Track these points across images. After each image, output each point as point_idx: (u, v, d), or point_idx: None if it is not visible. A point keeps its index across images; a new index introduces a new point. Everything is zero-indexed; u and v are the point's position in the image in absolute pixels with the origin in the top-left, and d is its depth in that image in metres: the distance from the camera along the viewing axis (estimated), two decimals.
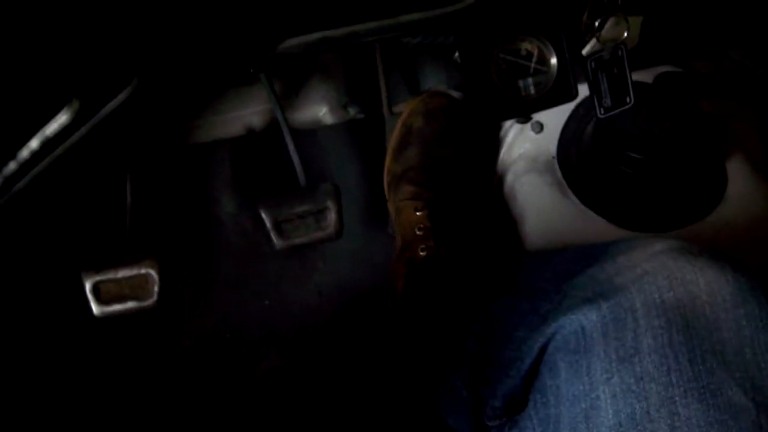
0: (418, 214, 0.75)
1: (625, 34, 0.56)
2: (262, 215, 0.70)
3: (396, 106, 0.89)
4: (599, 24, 0.55)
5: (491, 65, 0.56)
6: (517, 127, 0.80)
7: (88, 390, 0.85)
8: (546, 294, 0.54)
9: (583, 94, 0.61)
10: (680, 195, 0.73)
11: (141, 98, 0.53)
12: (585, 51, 0.57)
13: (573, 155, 0.76)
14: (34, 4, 0.43)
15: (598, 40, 0.56)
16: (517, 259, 0.70)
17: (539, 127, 0.78)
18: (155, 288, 0.68)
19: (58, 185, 0.81)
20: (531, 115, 0.76)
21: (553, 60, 0.58)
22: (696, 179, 0.73)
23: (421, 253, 0.74)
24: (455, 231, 0.74)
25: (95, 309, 0.66)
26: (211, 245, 0.91)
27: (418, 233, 0.74)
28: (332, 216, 0.70)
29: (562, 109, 0.73)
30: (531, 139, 0.79)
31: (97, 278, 0.66)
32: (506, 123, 0.82)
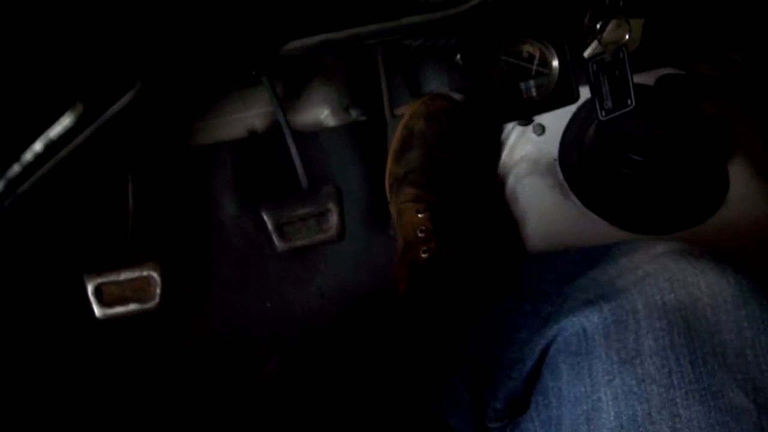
0: (419, 216, 0.75)
1: (627, 36, 0.56)
2: (264, 217, 0.70)
3: (397, 108, 0.89)
4: (601, 26, 0.55)
5: (493, 67, 0.56)
6: (518, 129, 0.80)
7: (90, 392, 0.85)
8: (547, 296, 0.54)
9: (584, 96, 0.61)
10: (682, 197, 0.73)
11: (144, 101, 0.53)
12: (586, 53, 0.57)
13: (574, 157, 0.76)
14: (37, 8, 0.43)
15: (600, 42, 0.56)
16: (519, 261, 0.70)
17: (541, 130, 0.78)
18: (157, 290, 0.68)
19: (61, 188, 0.81)
20: (532, 118, 0.77)
21: (555, 62, 0.58)
22: (698, 181, 0.73)
23: (423, 255, 0.74)
24: (457, 233, 0.74)
25: (97, 311, 0.66)
26: (213, 247, 0.91)
27: (420, 235, 0.74)
28: (334, 218, 0.70)
29: (563, 111, 0.73)
30: (533, 142, 0.79)
31: (99, 280, 0.66)
32: (508, 125, 0.82)
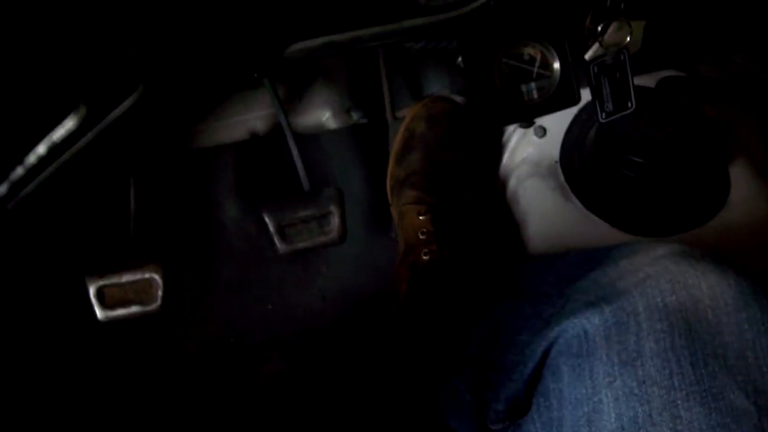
0: (421, 218, 0.75)
1: (628, 38, 0.56)
2: (266, 220, 0.70)
3: (399, 110, 0.89)
4: (602, 28, 0.55)
5: (494, 70, 0.57)
6: (520, 131, 0.80)
7: (92, 394, 0.85)
8: (549, 298, 0.54)
9: (585, 98, 0.61)
10: (683, 199, 0.73)
11: (147, 104, 0.53)
12: (588, 55, 0.57)
13: (576, 159, 0.76)
14: (40, 11, 0.44)
15: (601, 44, 0.56)
16: (520, 263, 0.70)
17: (542, 132, 0.78)
18: (159, 292, 0.68)
19: (63, 190, 0.81)
20: (534, 120, 0.77)
21: (556, 64, 0.58)
22: (699, 184, 0.73)
23: (424, 257, 0.74)
24: (458, 235, 0.74)
25: (99, 313, 0.67)
26: (215, 250, 0.91)
27: (421, 237, 0.75)
28: (335, 220, 0.70)
29: (564, 113, 0.73)
30: (534, 144, 0.79)
31: (101, 283, 0.67)
32: (509, 127, 0.82)
